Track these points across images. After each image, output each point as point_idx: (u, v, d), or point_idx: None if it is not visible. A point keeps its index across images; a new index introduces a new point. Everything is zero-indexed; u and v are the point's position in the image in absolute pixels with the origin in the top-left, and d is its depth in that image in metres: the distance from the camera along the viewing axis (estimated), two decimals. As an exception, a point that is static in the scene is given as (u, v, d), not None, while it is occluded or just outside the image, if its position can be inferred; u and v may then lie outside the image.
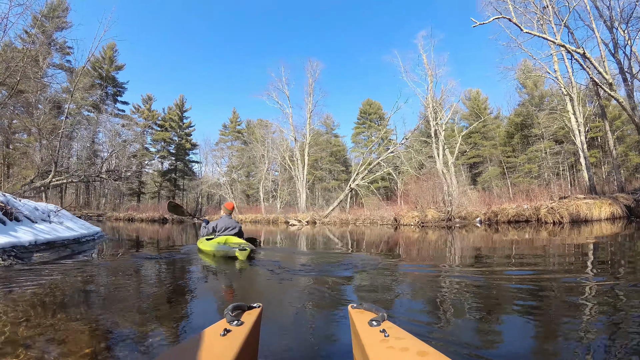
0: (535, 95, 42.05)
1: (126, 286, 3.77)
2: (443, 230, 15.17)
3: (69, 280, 3.97)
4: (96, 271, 4.73)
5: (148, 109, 50.72)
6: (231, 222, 6.66)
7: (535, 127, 40.82)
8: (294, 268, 4.85)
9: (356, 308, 1.54)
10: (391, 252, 7.65)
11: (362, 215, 25.65)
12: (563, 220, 14.78)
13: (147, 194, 50.23)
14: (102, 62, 44.68)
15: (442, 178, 22.78)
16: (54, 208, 9.16)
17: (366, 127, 52.56)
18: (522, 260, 5.62)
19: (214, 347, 1.07)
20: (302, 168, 35.73)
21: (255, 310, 1.51)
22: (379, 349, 1.08)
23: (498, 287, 3.48)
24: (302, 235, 14.13)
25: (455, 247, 8.53)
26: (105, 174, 15.77)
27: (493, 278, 3.89)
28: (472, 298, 3.03)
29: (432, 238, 11.34)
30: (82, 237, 8.27)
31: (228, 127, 56.94)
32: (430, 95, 27.68)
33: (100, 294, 3.41)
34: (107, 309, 2.77)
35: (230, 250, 5.67)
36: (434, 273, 4.45)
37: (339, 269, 4.79)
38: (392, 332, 1.18)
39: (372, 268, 4.77)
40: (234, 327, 1.24)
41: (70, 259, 5.68)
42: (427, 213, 18.46)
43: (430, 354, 0.98)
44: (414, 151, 25.97)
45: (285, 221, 27.22)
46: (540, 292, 3.19)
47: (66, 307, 2.80)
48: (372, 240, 11.08)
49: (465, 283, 3.66)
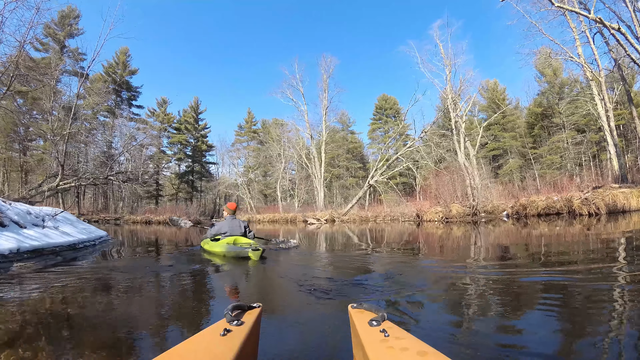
0: (555, 83, 40.91)
1: (124, 288, 3.76)
2: (468, 225, 14.58)
3: (57, 287, 3.74)
4: (78, 282, 4.19)
5: (163, 112, 50.99)
6: (236, 222, 6.57)
7: (557, 116, 39.79)
8: (302, 270, 4.71)
9: (356, 308, 1.54)
10: (412, 251, 7.18)
11: (382, 212, 25.09)
12: (600, 212, 14.01)
13: (165, 197, 50.51)
14: (116, 67, 44.94)
15: (464, 171, 22.06)
16: (50, 211, 8.69)
17: (382, 122, 52.02)
18: (551, 257, 5.24)
19: (214, 347, 1.08)
20: (319, 166, 35.35)
21: (255, 310, 1.51)
22: (379, 348, 1.07)
23: (513, 286, 3.31)
24: (321, 234, 13.71)
25: (480, 243, 8.03)
26: (114, 176, 15.47)
27: (511, 276, 3.72)
28: (478, 297, 2.95)
29: (456, 234, 10.86)
30: (79, 243, 7.80)
31: (244, 128, 57.03)
32: (448, 86, 26.83)
33: (85, 306, 3.07)
34: (106, 309, 2.76)
35: (242, 251, 5.58)
36: (448, 272, 4.32)
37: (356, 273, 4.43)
38: (392, 332, 1.17)
39: (390, 270, 4.50)
40: (234, 327, 1.25)
41: (57, 267, 5.14)
42: (452, 208, 17.79)
43: (430, 354, 0.97)
44: (434, 144, 25.11)
45: (304, 220, 26.78)
46: (562, 293, 2.97)
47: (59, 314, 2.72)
48: (394, 238, 10.53)
49: (477, 281, 3.58)
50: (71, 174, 14.94)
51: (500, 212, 17.00)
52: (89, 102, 37.53)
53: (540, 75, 42.73)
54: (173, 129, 52.33)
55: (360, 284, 3.63)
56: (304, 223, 25.53)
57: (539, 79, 43.40)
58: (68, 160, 14.54)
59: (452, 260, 5.39)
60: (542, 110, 41.80)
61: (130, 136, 37.74)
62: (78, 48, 36.33)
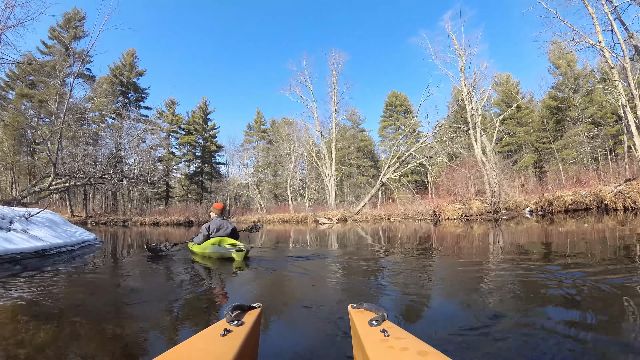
0: (569, 75, 39.87)
1: (122, 289, 3.81)
2: (489, 223, 13.91)
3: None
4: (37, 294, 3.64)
5: (172, 114, 50.84)
6: (223, 223, 6.49)
7: (572, 109, 38.80)
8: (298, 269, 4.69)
9: (356, 308, 1.53)
10: (425, 251, 6.77)
11: (395, 211, 24.49)
12: (637, 205, 13.10)
13: (176, 198, 50.28)
14: (123, 69, 44.88)
15: (481, 167, 21.28)
16: (24, 212, 7.91)
17: (393, 119, 51.31)
18: (581, 257, 4.82)
19: (214, 347, 1.08)
20: (329, 164, 34.72)
21: (255, 310, 1.51)
22: (379, 348, 1.07)
23: (525, 287, 3.18)
24: (332, 234, 13.23)
25: (502, 242, 7.53)
26: (111, 175, 14.88)
27: (525, 277, 3.57)
28: (481, 299, 2.89)
29: (477, 233, 10.33)
30: (51, 249, 6.87)
31: (253, 128, 56.75)
32: (462, 78, 25.93)
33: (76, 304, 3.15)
34: (106, 310, 2.80)
35: (226, 252, 5.61)
36: (457, 272, 4.31)
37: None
38: (392, 332, 1.17)
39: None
40: (234, 327, 1.25)
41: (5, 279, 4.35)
42: (472, 205, 16.97)
43: (431, 353, 0.97)
44: (448, 140, 24.24)
45: (315, 219, 26.20)
46: (581, 295, 2.77)
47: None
48: (409, 238, 9.95)
49: (486, 282, 3.49)
50: (64, 173, 14.36)
51: (523, 208, 16.20)
52: (95, 104, 37.52)
53: (554, 68, 41.72)
54: (182, 130, 52.17)
55: (361, 284, 3.64)
56: (315, 223, 24.94)
57: (553, 72, 42.39)
58: (62, 159, 13.90)
59: (465, 260, 5.16)
60: (557, 103, 40.72)
61: (127, 133, 37.70)
62: (83, 50, 36.34)
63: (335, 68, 35.54)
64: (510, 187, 20.02)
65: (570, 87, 38.54)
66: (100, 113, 41.21)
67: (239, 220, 37.06)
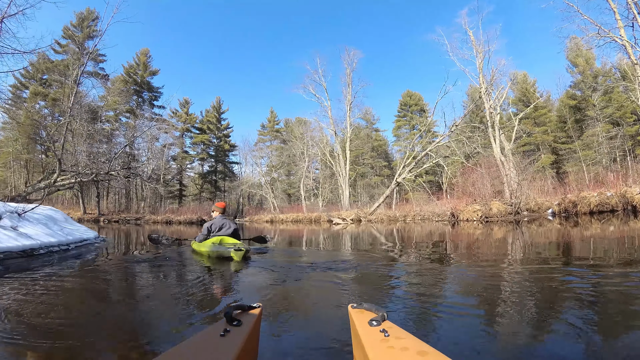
0: (588, 74, 39.01)
1: (127, 286, 3.86)
2: (510, 225, 13.56)
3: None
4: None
5: (186, 113, 51.22)
6: (225, 222, 6.46)
7: (590, 109, 37.98)
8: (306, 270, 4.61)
9: (356, 308, 1.53)
10: (441, 254, 6.44)
11: (411, 212, 24.13)
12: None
13: (189, 197, 50.57)
14: (137, 68, 45.32)
15: (500, 167, 20.85)
16: (15, 208, 7.49)
17: (407, 119, 50.77)
18: (599, 261, 4.58)
19: (213, 347, 1.08)
20: (344, 163, 34.46)
21: (255, 311, 1.51)
22: (379, 348, 1.07)
23: (532, 291, 3.11)
24: (346, 235, 13.02)
25: (520, 245, 7.17)
26: (116, 172, 14.67)
27: (542, 280, 3.49)
28: (484, 300, 2.88)
29: (496, 235, 9.97)
30: (41, 247, 6.41)
31: (266, 127, 56.90)
32: (481, 76, 25.41)
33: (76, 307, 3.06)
34: (105, 310, 2.77)
35: (225, 251, 5.50)
36: (465, 274, 4.20)
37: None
38: (392, 332, 1.17)
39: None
40: (234, 327, 1.26)
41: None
42: (492, 206, 16.57)
43: (431, 353, 0.98)
44: (466, 139, 23.71)
45: (328, 220, 25.97)
46: (604, 303, 2.65)
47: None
48: (425, 239, 9.62)
49: (493, 285, 3.43)
50: (70, 170, 14.20)
51: (545, 210, 15.78)
52: (107, 102, 37.89)
53: (572, 66, 40.87)
54: (196, 129, 52.55)
55: (363, 284, 3.63)
56: (329, 223, 24.71)
57: (571, 70, 41.51)
58: (74, 155, 13.74)
59: (479, 264, 4.95)
60: (575, 102, 39.89)
61: (135, 129, 37.85)
62: (98, 50, 36.83)
63: (350, 66, 35.23)
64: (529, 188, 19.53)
65: (589, 86, 37.78)
66: (115, 112, 41.57)
67: (252, 219, 37.09)
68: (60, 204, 37.55)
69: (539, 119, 42.62)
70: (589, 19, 19.56)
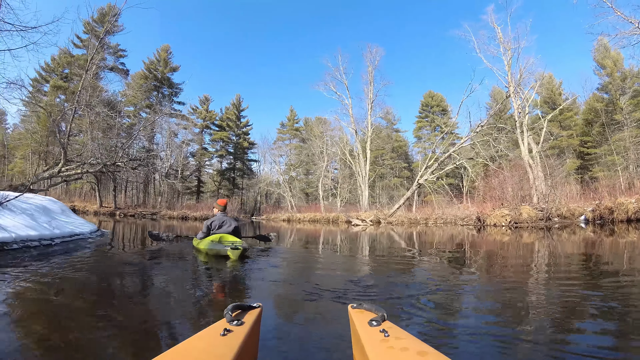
0: (616, 76, 37.74)
1: (125, 285, 3.76)
2: (541, 232, 12.99)
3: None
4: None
5: (206, 110, 51.46)
6: (226, 219, 6.32)
7: (618, 112, 36.73)
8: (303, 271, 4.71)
9: (356, 308, 1.54)
10: (464, 264, 5.86)
11: (432, 214, 23.54)
12: None
13: (207, 193, 50.77)
14: (157, 64, 45.58)
15: (528, 170, 20.17)
16: (3, 196, 6.92)
17: (429, 120, 49.96)
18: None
19: (214, 347, 1.08)
20: (364, 163, 33.92)
21: (255, 310, 1.51)
22: (379, 349, 1.07)
23: (546, 302, 2.96)
24: (365, 236, 12.66)
25: (550, 254, 6.65)
26: (123, 162, 14.25)
27: (564, 293, 3.25)
28: (486, 302, 2.96)
29: (527, 242, 9.39)
30: (15, 242, 5.68)
31: (286, 125, 56.89)
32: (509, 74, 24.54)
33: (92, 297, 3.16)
34: (105, 309, 2.65)
35: (222, 249, 5.37)
36: (476, 281, 4.04)
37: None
38: (392, 332, 1.17)
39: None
40: (234, 327, 1.25)
41: None
42: (522, 211, 15.90)
43: (430, 354, 0.98)
44: (492, 140, 22.91)
45: (347, 220, 25.54)
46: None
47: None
48: (451, 245, 9.14)
49: (499, 292, 3.38)
50: (76, 159, 13.86)
51: (577, 216, 15.11)
52: (126, 95, 38.24)
53: (600, 68, 39.61)
54: (215, 126, 52.78)
55: (364, 285, 3.59)
56: (347, 224, 24.28)
57: (599, 72, 40.21)
58: (66, 141, 13.30)
59: (498, 271, 4.83)
60: (602, 105, 38.64)
61: (170, 131, 37.87)
62: (118, 44, 37.29)
63: (372, 64, 34.58)
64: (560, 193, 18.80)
65: (618, 88, 36.61)
66: (135, 107, 41.88)
67: (269, 218, 36.94)
68: (77, 197, 38.14)
69: (565, 122, 41.50)
70: (622, 15, 18.76)
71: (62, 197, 36.03)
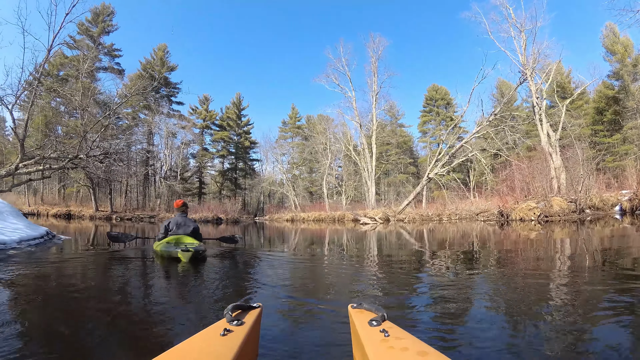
0: (627, 62, 36.44)
1: (122, 286, 3.73)
2: (574, 225, 11.77)
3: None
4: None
5: (205, 110, 50.54)
6: (184, 220, 6.12)
7: (630, 99, 35.45)
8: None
9: (356, 308, 1.53)
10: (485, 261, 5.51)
11: (445, 210, 22.33)
12: None
13: (209, 194, 49.73)
14: (154, 64, 44.20)
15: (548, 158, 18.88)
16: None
17: (433, 114, 48.74)
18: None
19: (214, 347, 1.08)
20: (369, 158, 32.64)
21: (255, 310, 1.51)
22: (379, 349, 1.07)
23: (542, 296, 2.97)
24: (373, 236, 11.62)
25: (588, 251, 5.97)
26: (87, 155, 12.54)
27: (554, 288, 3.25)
28: (486, 302, 2.87)
29: (561, 239, 8.29)
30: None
31: (287, 124, 56.03)
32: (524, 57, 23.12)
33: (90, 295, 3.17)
34: (105, 308, 2.69)
35: (173, 251, 5.07)
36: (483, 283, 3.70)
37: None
38: (392, 332, 1.17)
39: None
40: (234, 327, 1.25)
41: None
42: (553, 203, 14.43)
43: (431, 354, 0.98)
44: (508, 128, 21.54)
45: (354, 219, 24.32)
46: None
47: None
48: (474, 245, 7.95)
49: (505, 289, 3.33)
50: (33, 153, 12.34)
51: (611, 207, 13.79)
52: (123, 96, 37.34)
53: (610, 54, 38.28)
54: (216, 126, 51.89)
55: (364, 285, 3.60)
56: (354, 222, 23.02)
57: (609, 58, 38.85)
58: (24, 134, 11.75)
59: (523, 272, 4.30)
60: (613, 92, 37.36)
61: (168, 132, 36.56)
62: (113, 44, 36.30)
63: (375, 54, 33.10)
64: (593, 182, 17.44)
65: (629, 74, 35.35)
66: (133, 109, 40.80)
67: (272, 218, 35.86)
68: (73, 201, 36.91)
69: (575, 111, 40.20)
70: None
71: (58, 202, 35.00)
